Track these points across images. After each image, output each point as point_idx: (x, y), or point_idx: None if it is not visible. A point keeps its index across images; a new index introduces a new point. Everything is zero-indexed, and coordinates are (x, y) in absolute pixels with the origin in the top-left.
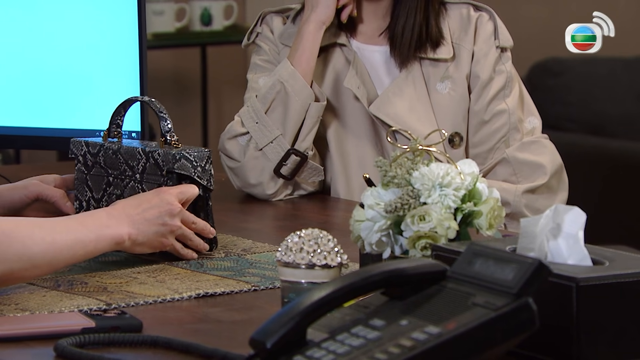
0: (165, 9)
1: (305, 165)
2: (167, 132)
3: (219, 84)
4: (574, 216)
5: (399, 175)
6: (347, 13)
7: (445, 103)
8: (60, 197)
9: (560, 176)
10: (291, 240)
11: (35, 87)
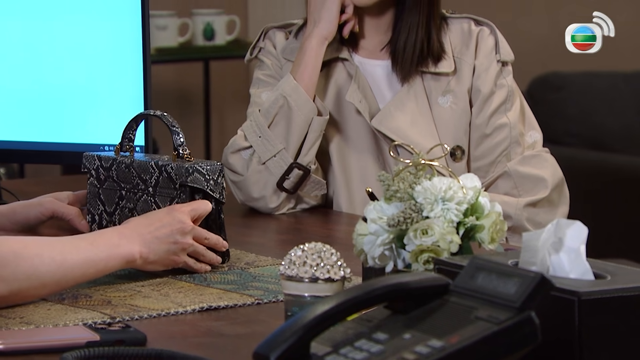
0: (169, 24)
1: (307, 179)
2: (180, 145)
3: (222, 98)
4: (576, 230)
5: (401, 190)
6: (349, 29)
7: (446, 117)
8: (76, 216)
9: (562, 190)
10: (294, 254)
11: (40, 102)
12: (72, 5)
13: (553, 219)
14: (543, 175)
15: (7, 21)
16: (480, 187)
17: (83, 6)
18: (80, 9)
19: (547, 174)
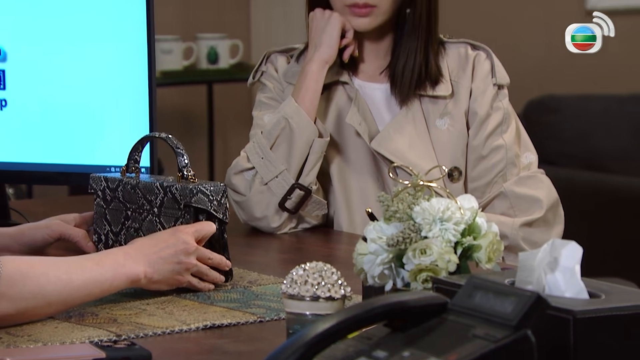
0: (174, 47)
1: (309, 199)
2: (184, 167)
3: (225, 120)
4: (571, 250)
5: (400, 210)
6: (349, 53)
7: (444, 139)
8: (82, 238)
9: (557, 210)
10: (296, 273)
11: (48, 124)
12: (81, 30)
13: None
14: (538, 196)
15: (17, 45)
16: (477, 208)
17: (91, 31)
18: (88, 33)
19: (542, 195)
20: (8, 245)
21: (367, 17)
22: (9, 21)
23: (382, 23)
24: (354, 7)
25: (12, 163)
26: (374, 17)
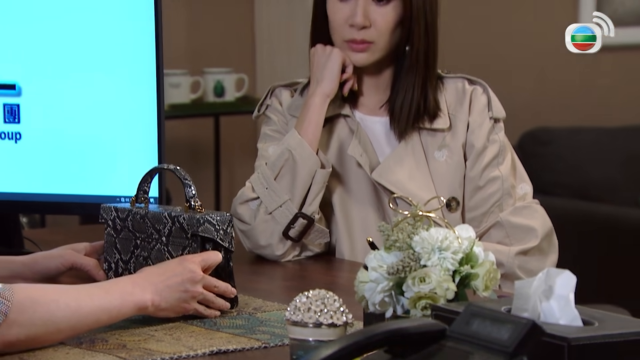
0: (182, 81)
1: (312, 228)
2: (192, 197)
3: (231, 151)
4: (565, 279)
5: (400, 240)
6: (349, 87)
7: (442, 170)
8: (94, 267)
9: (551, 239)
10: (299, 300)
11: (61, 156)
12: (93, 65)
13: (543, 267)
14: (533, 226)
15: (32, 80)
16: (475, 238)
17: (103, 66)
18: (100, 68)
19: (537, 224)
20: (22, 273)
21: (364, 53)
22: (24, 57)
23: (380, 59)
24: (352, 42)
25: (26, 194)
26: (371, 52)
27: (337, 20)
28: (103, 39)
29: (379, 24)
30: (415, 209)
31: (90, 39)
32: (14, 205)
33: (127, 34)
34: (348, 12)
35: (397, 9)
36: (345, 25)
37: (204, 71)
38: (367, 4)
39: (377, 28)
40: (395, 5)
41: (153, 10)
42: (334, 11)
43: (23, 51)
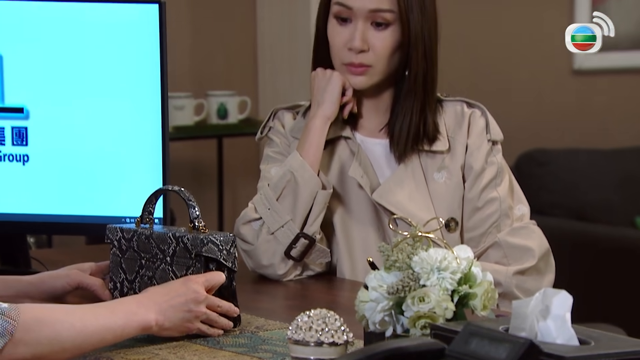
0: (186, 104)
1: (313, 248)
2: (196, 218)
3: (234, 172)
4: (562, 299)
5: (400, 260)
6: (348, 110)
7: (441, 191)
8: (100, 287)
9: (548, 259)
10: (301, 319)
11: (67, 178)
12: (99, 89)
13: (540, 286)
14: (530, 246)
15: (39, 104)
16: (473, 258)
17: (108, 90)
18: (106, 92)
19: (534, 245)
20: (29, 292)
21: (362, 76)
22: (32, 82)
23: (378, 82)
24: (351, 65)
25: (34, 215)
26: (369, 76)
27: (337, 44)
28: (109, 63)
29: (377, 48)
30: (414, 229)
31: (96, 63)
32: (22, 226)
33: (132, 58)
34: (347, 36)
35: (395, 34)
36: (345, 48)
37: (208, 94)
38: (366, 28)
39: (375, 52)
40: (393, 30)
41: (158, 35)
42: (334, 35)
43: (31, 76)
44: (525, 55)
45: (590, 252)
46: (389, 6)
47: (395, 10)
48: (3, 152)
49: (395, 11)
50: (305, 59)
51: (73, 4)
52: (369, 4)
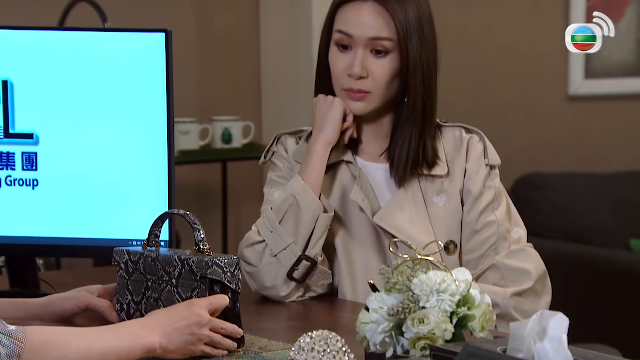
0: (191, 129)
1: (315, 269)
2: (200, 241)
3: (238, 195)
4: (558, 321)
5: (400, 282)
6: (348, 135)
7: (440, 214)
8: (107, 308)
9: (544, 281)
10: (303, 340)
11: (75, 201)
12: (106, 114)
13: (537, 308)
14: (528, 268)
15: (49, 130)
16: (471, 280)
17: (116, 115)
18: (113, 117)
19: (531, 267)
20: (38, 314)
21: (361, 102)
22: (42, 109)
23: (377, 108)
24: (350, 91)
25: (43, 237)
26: (368, 102)
27: (337, 70)
28: (117, 90)
29: (376, 75)
30: (414, 252)
31: (104, 90)
32: (31, 248)
33: (139, 85)
34: (347, 62)
35: (394, 62)
36: (344, 74)
37: (212, 119)
38: (366, 55)
39: (374, 79)
40: (392, 58)
41: (164, 63)
42: (335, 61)
43: (41, 103)
44: (522, 82)
45: (586, 273)
46: (388, 34)
47: (394, 38)
48: (13, 176)
49: (394, 39)
50: (306, 86)
51: (82, 32)
52: (368, 32)
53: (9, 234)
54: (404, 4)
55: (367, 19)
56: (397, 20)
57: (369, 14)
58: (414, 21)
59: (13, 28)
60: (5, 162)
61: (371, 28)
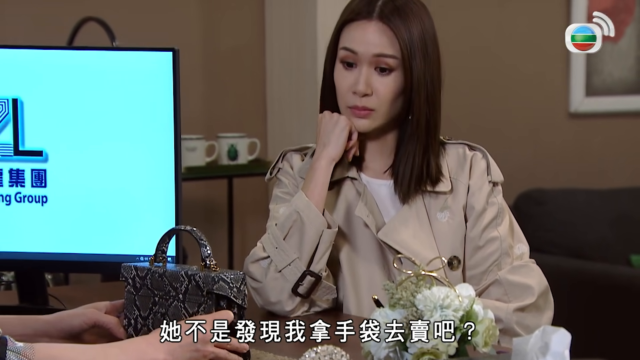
0: (198, 145)
1: (319, 285)
2: (207, 257)
3: (244, 211)
4: (561, 336)
5: (404, 298)
6: (352, 154)
7: (444, 230)
8: (115, 325)
9: (547, 297)
10: (309, 355)
11: (84, 218)
12: (114, 132)
13: (540, 323)
14: (530, 284)
15: (58, 147)
16: (474, 296)
17: (124, 133)
18: (121, 135)
19: (533, 283)
20: (47, 331)
21: (365, 119)
22: (52, 126)
23: (382, 125)
24: (354, 108)
25: (52, 253)
26: (372, 119)
27: (342, 88)
28: (125, 108)
29: (380, 93)
30: (418, 268)
31: (112, 108)
32: (40, 264)
33: (147, 102)
34: (352, 80)
35: (398, 80)
36: (349, 92)
37: (219, 136)
38: (370, 73)
39: (379, 96)
40: (396, 76)
41: (171, 81)
42: (340, 79)
43: (50, 121)
44: (524, 100)
45: (588, 289)
46: (392, 52)
47: (398, 56)
48: (23, 193)
49: (398, 57)
50: (311, 104)
51: (91, 52)
52: (373, 49)
53: (18, 249)
54: (409, 23)
55: (372, 37)
56: (401, 39)
57: (373, 32)
58: (418, 40)
59: (23, 48)
60: (15, 179)
61: (375, 46)
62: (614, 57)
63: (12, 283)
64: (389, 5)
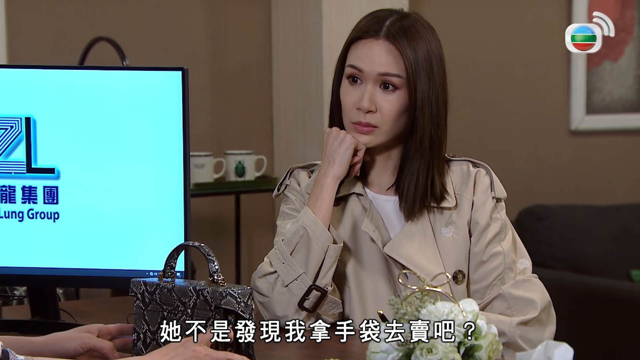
0: (206, 162)
1: (325, 299)
2: (215, 272)
3: (251, 226)
4: (563, 351)
5: (409, 312)
6: (355, 170)
7: (449, 245)
8: (110, 350)
9: (549, 311)
10: None
11: (94, 234)
12: (125, 150)
13: (542, 337)
14: (533, 298)
15: (70, 165)
16: (478, 311)
17: (134, 151)
18: (131, 153)
19: (536, 297)
20: (42, 353)
21: (368, 135)
22: (63, 144)
23: (385, 142)
24: (358, 124)
25: (63, 268)
26: (375, 136)
27: (347, 104)
28: (134, 126)
29: (384, 110)
30: (423, 284)
31: (123, 126)
32: (52, 279)
33: (156, 120)
34: (357, 96)
35: (402, 98)
36: (354, 108)
37: (226, 153)
38: (375, 90)
39: (382, 113)
40: (400, 94)
41: (181, 99)
42: (345, 95)
43: (62, 139)
44: (526, 119)
45: (588, 303)
46: (397, 71)
47: (403, 75)
48: (35, 209)
49: (402, 77)
50: (317, 121)
51: (102, 71)
52: (378, 68)
53: (30, 265)
54: (415, 43)
55: (378, 56)
56: (407, 59)
57: (379, 51)
58: (424, 60)
59: (36, 67)
60: (28, 196)
61: (381, 64)
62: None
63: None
64: (396, 25)
